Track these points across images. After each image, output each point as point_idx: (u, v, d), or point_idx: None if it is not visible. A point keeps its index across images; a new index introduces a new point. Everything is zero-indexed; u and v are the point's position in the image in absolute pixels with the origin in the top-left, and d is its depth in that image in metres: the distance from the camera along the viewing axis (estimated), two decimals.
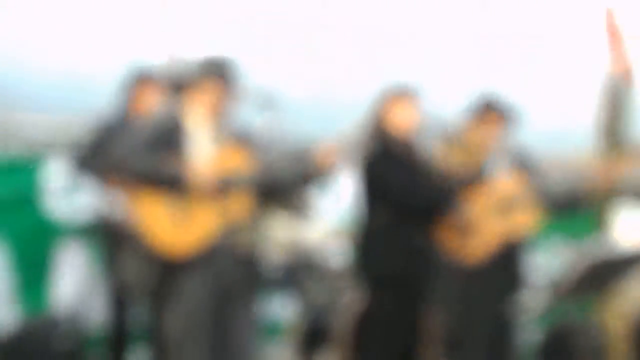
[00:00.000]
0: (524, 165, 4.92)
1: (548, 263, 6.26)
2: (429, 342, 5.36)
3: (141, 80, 5.42)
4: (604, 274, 4.02)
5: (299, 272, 5.74)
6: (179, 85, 4.38)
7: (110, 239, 5.22)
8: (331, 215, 6.65)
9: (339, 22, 6.79)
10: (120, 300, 5.24)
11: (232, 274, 4.22)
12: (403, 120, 4.67)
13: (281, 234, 5.94)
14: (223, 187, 4.16)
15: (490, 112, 4.88)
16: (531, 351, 6.10)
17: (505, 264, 4.90)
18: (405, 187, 4.59)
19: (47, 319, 5.39)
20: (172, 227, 4.12)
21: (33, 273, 5.50)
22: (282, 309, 6.17)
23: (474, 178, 4.71)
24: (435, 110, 4.84)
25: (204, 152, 4.20)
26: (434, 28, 7.26)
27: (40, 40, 6.11)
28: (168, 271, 4.13)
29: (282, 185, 4.23)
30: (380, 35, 6.96)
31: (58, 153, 5.60)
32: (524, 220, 4.87)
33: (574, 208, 5.10)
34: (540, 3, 7.43)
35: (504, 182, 4.90)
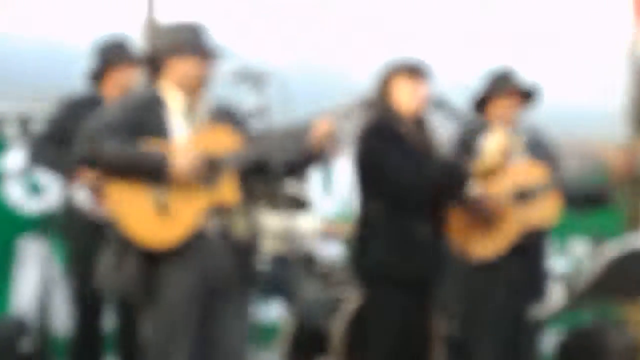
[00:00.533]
0: (543, 151, 4.63)
1: (568, 262, 6.06)
2: (436, 345, 5.05)
3: (114, 52, 4.99)
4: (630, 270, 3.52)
5: (293, 267, 5.54)
6: (155, 56, 3.95)
7: (79, 231, 4.84)
8: (328, 204, 6.50)
9: None
10: (91, 301, 4.84)
11: (222, 269, 3.82)
12: (410, 97, 4.32)
13: (274, 224, 5.66)
14: (209, 171, 3.76)
15: (509, 86, 4.60)
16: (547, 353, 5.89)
17: (524, 259, 4.57)
18: (399, 168, 4.23)
19: (9, 320, 5.18)
20: (153, 217, 3.71)
21: None
22: (275, 309, 5.98)
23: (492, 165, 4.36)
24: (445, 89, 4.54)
25: (186, 132, 3.84)
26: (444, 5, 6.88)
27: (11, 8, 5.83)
28: (147, 266, 3.73)
29: (275, 167, 3.82)
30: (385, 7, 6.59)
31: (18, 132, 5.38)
32: (544, 211, 4.55)
33: (596, 202, 4.78)
34: None
35: (522, 169, 4.60)
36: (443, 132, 4.52)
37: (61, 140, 4.80)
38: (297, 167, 3.93)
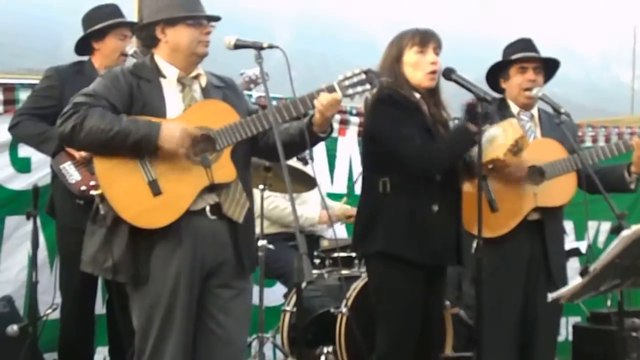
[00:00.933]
0: (559, 131, 4.42)
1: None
2: (447, 330, 4.92)
3: (100, 18, 4.79)
4: None
5: (295, 249, 5.18)
6: (145, 26, 3.70)
7: (65, 209, 4.69)
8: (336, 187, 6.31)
9: None
10: (81, 282, 4.65)
11: (217, 251, 3.63)
12: (421, 68, 4.11)
13: (281, 207, 5.55)
14: (202, 146, 3.56)
15: (528, 58, 4.51)
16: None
17: (541, 240, 4.47)
18: (409, 138, 4.01)
19: None
20: (143, 195, 3.50)
21: None
22: (277, 293, 5.92)
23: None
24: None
25: (180, 105, 3.65)
26: None
27: None
28: (137, 246, 3.54)
29: (277, 142, 3.46)
30: None
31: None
32: (559, 190, 4.45)
33: (619, 187, 4.61)
34: None
35: (540, 145, 4.49)
36: (455, 103, 4.28)
37: (45, 115, 4.62)
38: (301, 141, 3.68)
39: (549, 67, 4.63)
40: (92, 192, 3.56)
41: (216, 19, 3.73)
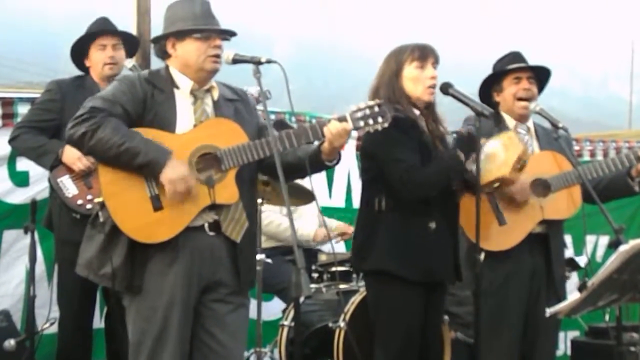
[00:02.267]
0: (556, 144, 4.44)
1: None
2: (446, 346, 5.01)
3: (93, 27, 4.86)
4: None
5: (293, 263, 5.19)
6: (158, 39, 3.72)
7: (62, 222, 4.68)
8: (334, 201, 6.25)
9: None
10: (79, 295, 4.70)
11: (214, 267, 3.63)
12: (419, 83, 4.10)
13: (276, 223, 5.52)
14: (211, 165, 3.56)
15: (520, 69, 4.51)
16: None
17: (543, 254, 4.47)
18: (405, 159, 3.99)
19: None
20: (145, 209, 3.49)
21: None
22: (275, 307, 5.94)
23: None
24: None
25: (190, 120, 3.63)
26: None
27: None
28: (135, 257, 3.53)
29: (285, 165, 3.52)
30: None
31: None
32: (562, 203, 4.44)
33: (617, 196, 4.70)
34: None
35: (541, 159, 4.49)
36: (452, 117, 4.30)
37: (44, 128, 4.63)
38: (311, 167, 3.68)
39: (541, 78, 4.61)
40: (95, 200, 3.56)
41: (227, 32, 3.71)
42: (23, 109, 5.14)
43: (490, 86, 4.59)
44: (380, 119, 3.64)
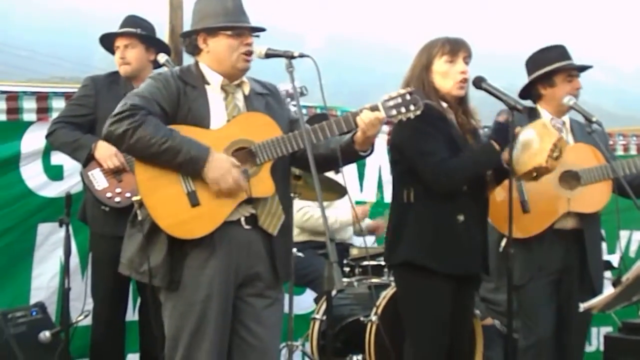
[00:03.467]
0: (590, 138, 4.43)
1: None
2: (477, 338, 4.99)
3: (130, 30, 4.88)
4: None
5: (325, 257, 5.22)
6: (188, 34, 3.72)
7: (95, 216, 4.75)
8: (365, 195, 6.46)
9: None
10: (112, 288, 4.75)
11: (252, 262, 3.62)
12: (451, 78, 4.06)
13: (316, 216, 5.53)
14: (246, 159, 3.55)
15: (568, 67, 4.52)
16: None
17: (575, 248, 4.46)
18: (435, 152, 3.97)
19: (30, 307, 5.02)
20: (182, 205, 3.49)
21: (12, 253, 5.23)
22: (307, 301, 5.94)
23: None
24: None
25: (224, 116, 3.63)
26: None
27: None
28: (174, 253, 3.53)
29: (317, 156, 3.50)
30: None
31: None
32: (593, 197, 4.43)
33: None
34: None
35: (576, 150, 4.47)
36: (484, 110, 4.27)
37: (80, 123, 4.69)
38: (343, 157, 3.66)
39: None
40: (133, 198, 3.56)
41: (259, 29, 3.70)
42: (57, 104, 5.19)
43: (537, 78, 4.55)
44: (412, 107, 3.62)
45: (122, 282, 4.60)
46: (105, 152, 4.58)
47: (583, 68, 4.58)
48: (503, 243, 4.20)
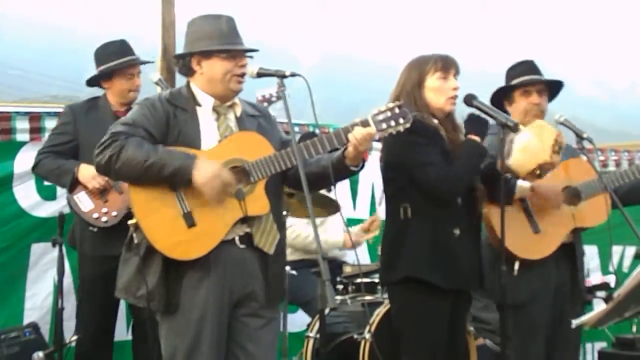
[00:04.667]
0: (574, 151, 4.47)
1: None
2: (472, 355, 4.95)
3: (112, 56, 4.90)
4: None
5: (318, 275, 5.23)
6: (181, 56, 3.73)
7: (82, 238, 4.79)
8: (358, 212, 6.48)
9: None
10: (100, 308, 4.79)
11: (247, 281, 3.62)
12: (441, 93, 4.11)
13: (303, 235, 5.50)
14: (239, 178, 3.56)
15: (533, 82, 4.50)
16: None
17: (565, 261, 4.46)
18: (428, 165, 3.99)
19: (23, 328, 5.02)
20: (178, 227, 3.49)
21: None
22: (300, 319, 5.92)
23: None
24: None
25: (215, 136, 3.64)
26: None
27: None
28: (170, 275, 3.53)
29: (309, 174, 3.51)
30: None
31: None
32: (592, 211, 4.43)
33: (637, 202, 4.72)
34: None
35: (571, 165, 4.49)
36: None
37: (62, 151, 4.78)
38: (335, 173, 3.67)
39: (552, 87, 4.59)
40: (128, 222, 3.54)
41: (253, 51, 3.71)
42: (50, 124, 5.22)
43: (502, 96, 4.57)
44: (402, 120, 3.65)
45: (111, 305, 4.66)
46: (88, 173, 4.61)
47: (543, 82, 4.53)
48: (517, 266, 4.20)
